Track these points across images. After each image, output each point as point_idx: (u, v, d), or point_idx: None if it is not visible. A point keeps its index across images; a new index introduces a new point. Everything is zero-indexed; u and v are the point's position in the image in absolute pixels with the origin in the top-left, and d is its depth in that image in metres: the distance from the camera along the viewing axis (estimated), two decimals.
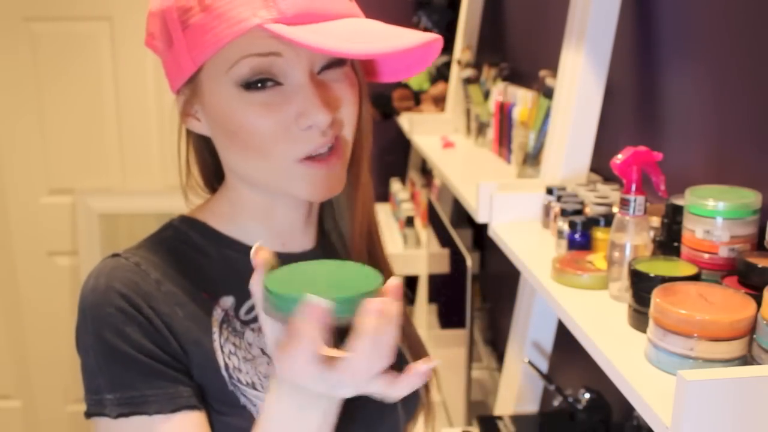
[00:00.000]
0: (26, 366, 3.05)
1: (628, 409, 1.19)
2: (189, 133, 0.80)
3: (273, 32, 0.65)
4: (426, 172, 2.74)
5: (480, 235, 2.28)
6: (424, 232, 2.44)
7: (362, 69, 0.78)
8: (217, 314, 0.73)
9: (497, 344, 2.18)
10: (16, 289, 3.01)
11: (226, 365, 0.71)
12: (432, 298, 2.22)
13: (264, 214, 0.78)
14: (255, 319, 0.75)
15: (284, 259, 0.78)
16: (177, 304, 0.71)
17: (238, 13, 0.65)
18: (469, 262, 1.64)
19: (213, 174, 0.83)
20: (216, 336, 0.72)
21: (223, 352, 0.72)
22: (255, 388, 0.72)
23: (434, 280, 2.21)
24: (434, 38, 0.70)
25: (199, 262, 0.76)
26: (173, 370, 0.69)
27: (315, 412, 0.61)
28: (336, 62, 0.72)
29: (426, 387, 0.88)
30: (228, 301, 0.75)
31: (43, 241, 2.98)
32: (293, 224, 0.80)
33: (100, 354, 0.69)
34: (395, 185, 2.80)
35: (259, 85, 0.69)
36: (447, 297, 2.01)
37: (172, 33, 0.70)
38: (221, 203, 0.80)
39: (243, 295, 0.74)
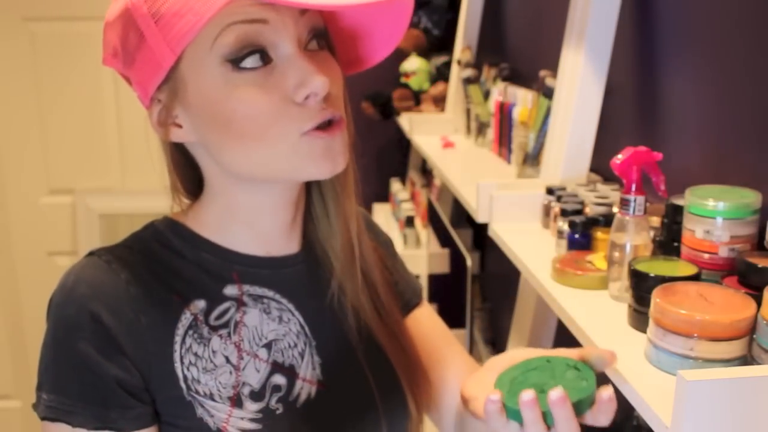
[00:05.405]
0: (26, 366, 3.05)
1: (628, 409, 1.18)
2: (168, 145, 0.76)
3: None
4: (426, 172, 2.74)
5: (480, 235, 2.28)
6: (424, 232, 2.44)
7: (342, 59, 0.75)
8: (185, 319, 0.71)
9: (497, 344, 2.18)
10: (16, 289, 3.01)
11: (185, 377, 0.69)
12: (432, 298, 2.22)
13: (251, 217, 0.76)
14: (224, 325, 0.72)
15: (267, 263, 0.77)
16: (142, 311, 0.69)
17: None
18: (469, 262, 1.64)
19: (194, 183, 0.79)
20: (177, 347, 0.70)
21: (182, 363, 0.70)
22: (213, 399, 0.70)
23: (434, 280, 2.21)
24: None
25: (174, 264, 0.73)
26: (116, 386, 0.68)
27: None
28: (318, 35, 0.70)
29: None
30: (199, 305, 0.72)
31: (43, 242, 2.98)
32: (280, 227, 0.78)
33: (51, 352, 0.69)
34: (395, 185, 2.80)
35: (248, 65, 0.65)
36: (447, 297, 2.01)
37: (143, 29, 0.65)
38: (206, 209, 0.77)
39: (215, 299, 0.73)
